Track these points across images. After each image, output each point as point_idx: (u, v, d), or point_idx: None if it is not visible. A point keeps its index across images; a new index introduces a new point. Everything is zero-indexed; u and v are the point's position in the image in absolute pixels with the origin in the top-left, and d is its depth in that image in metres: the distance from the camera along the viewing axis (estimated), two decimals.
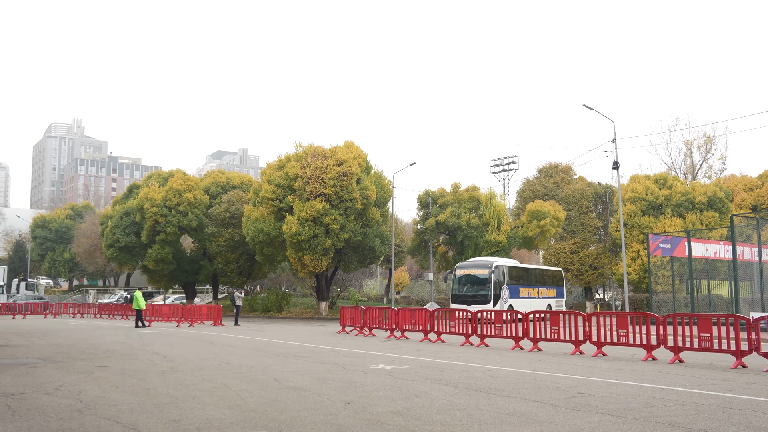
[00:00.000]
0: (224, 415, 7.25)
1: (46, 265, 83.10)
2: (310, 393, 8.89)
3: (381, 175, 43.25)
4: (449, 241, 45.82)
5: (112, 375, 10.80)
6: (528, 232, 43.74)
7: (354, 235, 39.71)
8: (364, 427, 6.67)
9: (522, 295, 36.13)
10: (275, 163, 42.23)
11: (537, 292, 38.27)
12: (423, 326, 20.83)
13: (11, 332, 23.28)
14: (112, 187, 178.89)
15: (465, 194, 45.00)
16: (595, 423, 6.98)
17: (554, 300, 39.47)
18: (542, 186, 51.28)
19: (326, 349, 16.63)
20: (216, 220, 46.79)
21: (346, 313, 25.39)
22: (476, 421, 7.01)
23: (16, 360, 13.19)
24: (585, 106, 34.43)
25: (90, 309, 45.71)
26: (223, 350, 16.07)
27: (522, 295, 36.08)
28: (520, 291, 36.20)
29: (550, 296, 39.38)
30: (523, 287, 36.73)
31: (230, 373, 11.09)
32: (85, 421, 6.80)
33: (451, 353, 15.81)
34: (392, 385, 9.81)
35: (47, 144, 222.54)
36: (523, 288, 36.67)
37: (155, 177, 54.46)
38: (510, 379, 10.62)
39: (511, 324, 17.74)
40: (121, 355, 14.56)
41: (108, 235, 52.21)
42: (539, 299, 37.56)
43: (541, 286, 38.99)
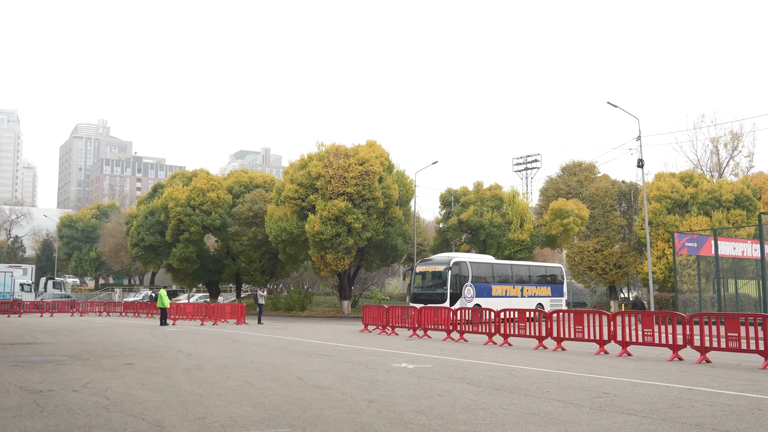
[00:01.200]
0: (248, 413, 7.29)
1: (72, 264, 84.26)
2: (333, 391, 8.90)
3: (403, 173, 43.25)
4: (472, 239, 45.67)
5: (138, 373, 10.91)
6: (551, 230, 43.43)
7: (376, 234, 39.73)
8: (387, 425, 6.66)
9: (497, 293, 34.04)
10: (298, 163, 42.41)
11: (521, 291, 35.87)
12: (445, 325, 20.79)
13: (39, 330, 23.63)
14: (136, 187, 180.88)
15: (487, 193, 44.81)
16: (621, 423, 6.90)
17: (548, 299, 36.92)
18: (565, 184, 50.88)
19: (349, 348, 16.66)
20: (239, 220, 47.10)
21: (368, 312, 25.42)
22: (500, 421, 6.97)
23: (44, 357, 13.39)
24: (609, 104, 34.08)
25: (116, 307, 46.27)
26: (246, 348, 16.16)
27: (497, 294, 33.99)
28: (493, 289, 34.08)
29: (541, 295, 36.95)
30: (498, 285, 34.53)
31: (254, 372, 11.15)
32: (111, 418, 6.87)
33: (474, 352, 15.75)
34: (415, 384, 9.79)
35: (74, 144, 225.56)
36: (497, 286, 34.48)
37: (179, 177, 54.99)
38: (534, 379, 10.54)
39: (535, 323, 17.62)
40: (147, 352, 14.71)
41: (133, 235, 52.83)
42: (524, 298, 35.33)
43: (527, 284, 36.49)
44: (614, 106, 34.23)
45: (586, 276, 48.23)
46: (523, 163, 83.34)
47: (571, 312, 17.11)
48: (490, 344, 18.33)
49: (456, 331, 20.24)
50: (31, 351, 14.92)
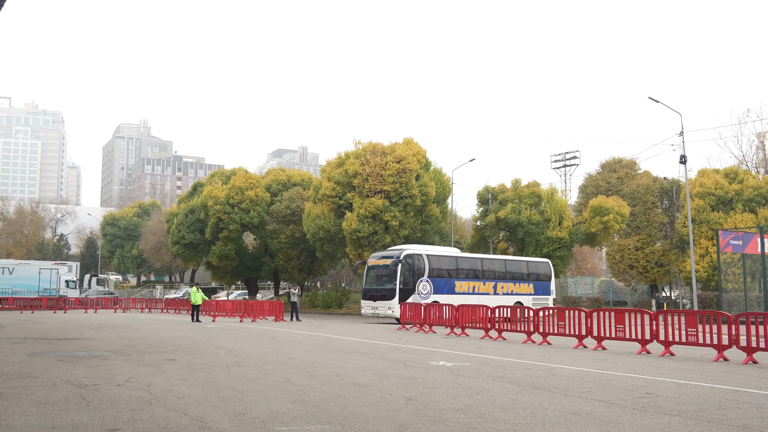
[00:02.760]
0: (288, 409, 7.34)
1: (115, 261, 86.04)
2: (371, 389, 8.91)
3: (440, 171, 43.12)
4: (510, 237, 45.31)
5: (179, 368, 11.08)
6: (590, 228, 42.83)
7: (413, 232, 39.68)
8: (426, 424, 6.64)
9: (462, 290, 31.67)
10: (335, 161, 42.59)
11: (493, 287, 33.25)
12: (483, 323, 20.67)
13: (84, 326, 24.18)
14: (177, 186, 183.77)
15: (525, 190, 44.39)
16: (665, 424, 6.76)
17: (529, 297, 34.04)
18: (605, 181, 50.15)
19: (386, 346, 16.67)
20: (277, 217, 47.52)
21: (405, 310, 25.41)
22: (540, 420, 6.89)
23: (89, 352, 13.69)
24: (650, 99, 33.49)
25: (157, 304, 47.10)
26: (285, 345, 16.29)
27: (462, 291, 31.63)
28: (457, 285, 31.70)
29: (521, 293, 34.23)
30: (463, 281, 32.11)
31: (293, 368, 11.23)
32: (154, 413, 6.99)
33: (513, 351, 15.63)
34: (453, 382, 9.75)
35: (116, 144, 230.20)
36: (462, 282, 32.03)
37: (218, 175, 55.72)
38: (574, 378, 10.41)
39: (574, 321, 17.39)
40: (188, 348, 14.93)
41: (174, 232, 53.71)
42: (499, 296, 32.61)
43: (502, 281, 33.88)
44: (655, 101, 33.62)
45: (626, 274, 47.47)
46: (562, 160, 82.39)
47: (612, 311, 16.85)
48: (529, 343, 18.16)
49: (494, 329, 20.10)
50: (76, 346, 15.27)
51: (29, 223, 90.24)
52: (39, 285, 48.47)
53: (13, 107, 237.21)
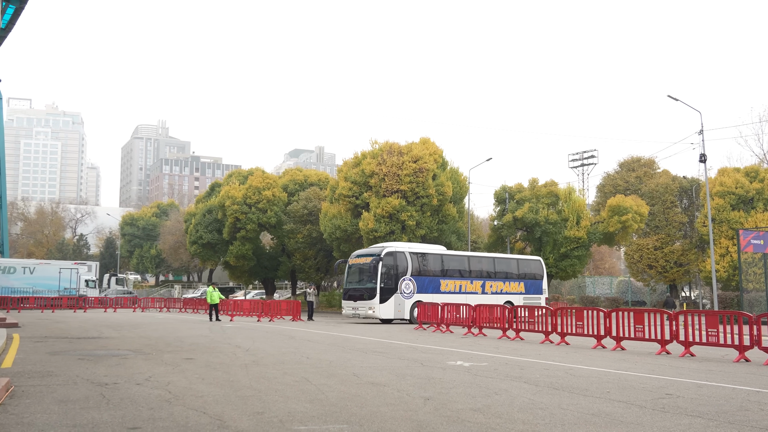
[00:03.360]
0: (306, 408, 7.35)
1: (134, 261, 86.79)
2: (389, 389, 8.91)
3: (457, 171, 43.05)
4: (527, 237, 45.11)
5: (198, 367, 11.14)
6: (609, 227, 42.52)
7: (430, 232, 39.63)
8: (444, 424, 6.62)
9: (447, 289, 30.71)
10: (351, 161, 42.64)
11: (481, 286, 32.28)
12: (501, 323, 20.59)
13: (104, 325, 24.40)
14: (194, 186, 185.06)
15: (543, 189, 44.17)
16: (686, 426, 6.69)
17: (520, 297, 33.14)
18: (624, 180, 49.82)
19: (404, 345, 16.66)
20: (294, 217, 47.67)
21: (423, 310, 25.39)
22: (559, 421, 6.85)
23: (109, 351, 13.80)
24: (669, 97, 33.20)
25: (175, 303, 47.44)
26: (302, 345, 16.33)
27: (447, 290, 30.65)
28: (442, 284, 30.72)
29: (511, 292, 33.09)
30: (449, 280, 31.08)
31: (310, 368, 11.25)
32: (174, 411, 7.03)
33: (531, 351, 15.55)
34: (471, 382, 9.72)
35: (134, 145, 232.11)
36: (448, 281, 31.01)
37: (235, 175, 56.00)
38: (593, 379, 10.33)
39: (593, 321, 17.28)
40: (206, 348, 15.01)
41: (192, 232, 54.07)
42: (487, 295, 31.67)
43: (490, 279, 32.82)
44: (675, 99, 33.32)
45: (645, 274, 47.12)
46: (579, 159, 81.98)
47: (631, 311, 16.71)
48: (547, 343, 18.06)
49: (512, 329, 20.02)
50: (96, 345, 15.41)
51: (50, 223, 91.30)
52: (59, 284, 48.98)
53: (33, 109, 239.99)
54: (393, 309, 28.87)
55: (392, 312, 28.92)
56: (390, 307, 28.84)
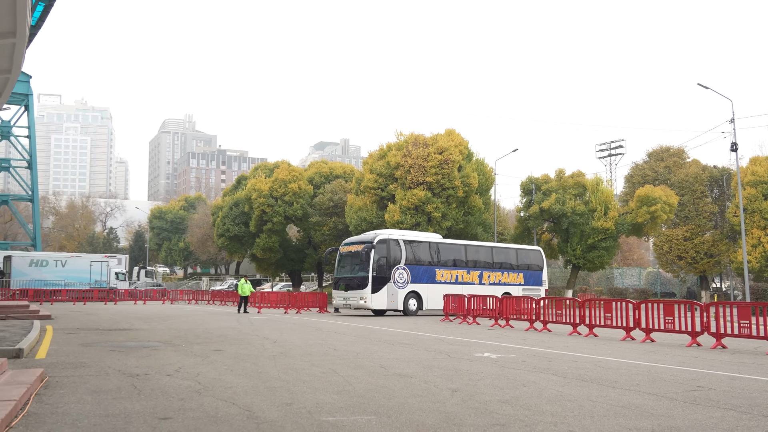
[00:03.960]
0: (334, 399, 7.39)
1: (162, 253, 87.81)
2: (416, 380, 8.91)
3: (483, 162, 42.82)
4: (554, 228, 44.74)
5: (227, 358, 11.25)
6: (637, 218, 41.98)
7: (456, 223, 39.51)
8: (472, 415, 6.61)
9: (443, 279, 29.79)
10: (377, 153, 42.62)
11: (478, 276, 31.29)
12: (528, 315, 20.49)
13: (134, 317, 24.75)
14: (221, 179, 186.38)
15: (570, 180, 43.74)
16: (718, 418, 6.60)
17: (519, 288, 32.25)
18: (652, 170, 49.14)
19: (430, 337, 16.66)
20: (320, 210, 47.82)
21: (449, 301, 25.35)
22: (588, 413, 6.79)
23: (140, 343, 14.00)
24: (699, 85, 32.68)
25: (203, 295, 47.98)
26: (329, 336, 16.41)
27: (443, 280, 29.75)
28: (438, 274, 29.77)
29: (510, 283, 32.18)
30: (445, 269, 30.12)
31: (337, 359, 11.30)
32: (203, 402, 7.11)
33: (559, 343, 15.45)
34: (499, 374, 9.68)
35: (162, 139, 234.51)
36: (444, 270, 30.04)
37: (262, 168, 56.31)
38: (622, 371, 10.24)
39: (621, 313, 17.11)
40: (234, 339, 15.15)
41: (219, 225, 54.53)
42: (484, 286, 30.79)
43: (488, 269, 31.85)
44: (705, 87, 32.78)
45: (674, 265, 46.49)
46: (607, 149, 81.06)
47: (660, 302, 16.51)
48: (575, 334, 17.94)
49: (539, 321, 19.91)
50: (127, 337, 15.64)
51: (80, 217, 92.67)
52: (90, 277, 49.83)
53: (63, 104, 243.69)
54: (386, 299, 27.87)
55: (385, 302, 27.93)
56: (383, 297, 27.80)
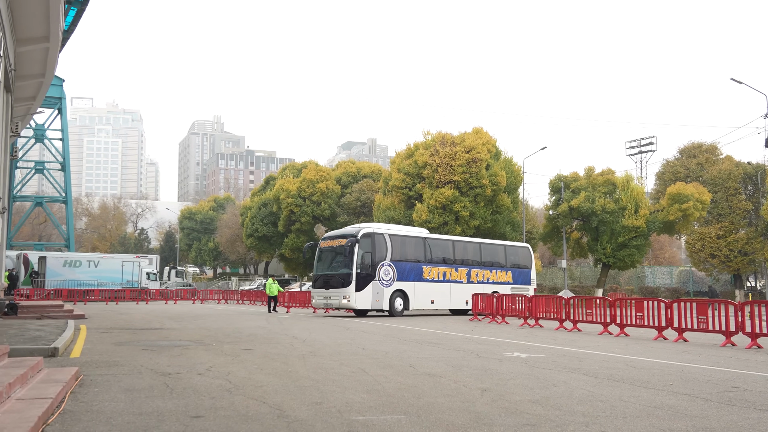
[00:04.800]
0: (363, 399, 7.40)
1: (192, 254, 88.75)
2: (445, 380, 8.89)
3: (511, 160, 42.58)
4: (583, 227, 44.34)
5: (257, 358, 11.33)
6: (669, 216, 41.40)
7: (484, 222, 39.35)
8: (502, 415, 6.57)
9: (430, 277, 28.06)
10: (404, 152, 42.62)
11: (467, 274, 29.58)
12: (558, 314, 20.32)
13: (165, 316, 25.05)
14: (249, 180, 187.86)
15: (599, 178, 43.30)
16: (755, 420, 6.47)
17: (508, 287, 30.62)
18: (684, 167, 48.40)
19: (459, 336, 16.60)
20: (348, 209, 47.99)
21: (478, 301, 25.24)
22: (620, 414, 6.71)
23: (171, 342, 14.17)
24: (733, 80, 32.14)
25: (233, 295, 48.36)
26: (358, 336, 16.43)
27: (431, 278, 28.05)
28: (425, 272, 27.98)
29: (499, 281, 30.73)
30: (433, 266, 28.37)
31: (366, 359, 11.32)
32: (234, 401, 7.17)
33: (589, 342, 15.30)
34: (529, 373, 9.62)
35: (191, 140, 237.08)
36: (432, 267, 28.31)
37: (289, 169, 56.69)
38: (654, 371, 10.10)
39: (653, 312, 16.88)
40: (264, 339, 15.25)
41: (247, 225, 55.00)
42: (473, 284, 29.43)
43: (477, 267, 30.15)
44: (738, 82, 32.24)
45: (707, 263, 45.76)
46: (637, 146, 79.99)
47: (693, 301, 16.26)
48: (606, 334, 17.75)
49: (569, 320, 19.73)
50: (158, 336, 15.83)
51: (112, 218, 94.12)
52: (122, 277, 50.53)
53: (95, 107, 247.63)
54: (371, 298, 25.89)
55: (369, 302, 25.96)
56: (367, 296, 25.81)
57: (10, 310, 20.04)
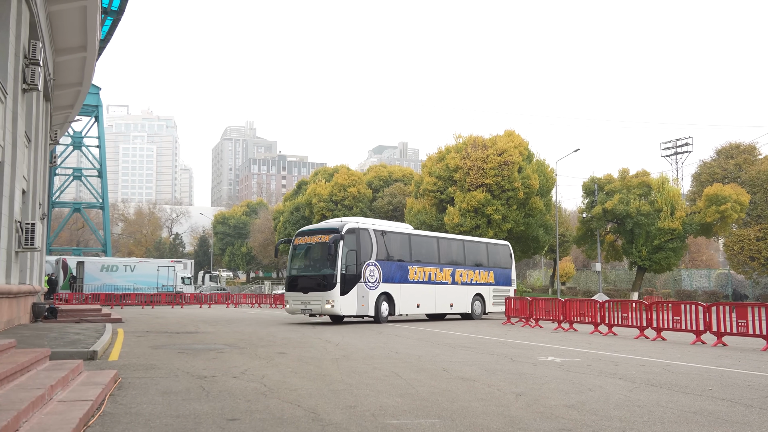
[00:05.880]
0: (397, 403, 7.40)
1: (226, 258, 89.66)
2: (479, 384, 8.85)
3: (543, 163, 42.24)
4: (618, 229, 43.74)
5: (291, 361, 11.40)
6: (706, 218, 40.62)
7: (516, 225, 39.08)
8: (537, 420, 6.52)
9: (416, 278, 25.29)
10: (435, 155, 42.56)
11: (451, 275, 26.94)
12: (592, 318, 20.08)
13: (200, 320, 25.35)
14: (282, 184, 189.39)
15: (634, 180, 42.69)
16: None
17: (490, 288, 28.72)
18: (721, 168, 47.46)
19: (492, 340, 16.51)
20: (379, 213, 48.04)
21: (511, 304, 25.06)
22: (658, 419, 6.61)
23: (206, 345, 14.34)
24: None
25: (266, 299, 48.72)
26: (390, 340, 16.44)
27: (416, 279, 25.29)
28: (411, 272, 25.14)
29: (482, 282, 28.38)
30: (418, 266, 25.56)
31: (399, 362, 11.32)
32: (269, 404, 7.24)
33: (625, 346, 15.09)
34: (564, 378, 9.52)
35: (224, 146, 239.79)
36: (418, 268, 25.48)
37: (321, 173, 57.01)
38: (693, 376, 9.92)
39: (691, 316, 16.58)
40: (297, 342, 15.35)
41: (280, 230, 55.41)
42: (457, 286, 27.14)
43: (460, 267, 27.53)
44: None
45: (746, 266, 44.76)
46: (673, 147, 78.73)
47: (732, 305, 15.93)
48: (642, 338, 17.49)
49: (604, 324, 19.49)
50: (194, 339, 16.03)
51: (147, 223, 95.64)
52: (158, 281, 51.27)
53: (130, 114, 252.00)
54: (356, 302, 22.82)
55: (355, 306, 22.84)
56: (352, 301, 22.70)
57: (50, 314, 20.48)
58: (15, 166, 15.04)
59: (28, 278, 18.65)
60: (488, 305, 28.79)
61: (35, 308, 19.66)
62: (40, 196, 22.56)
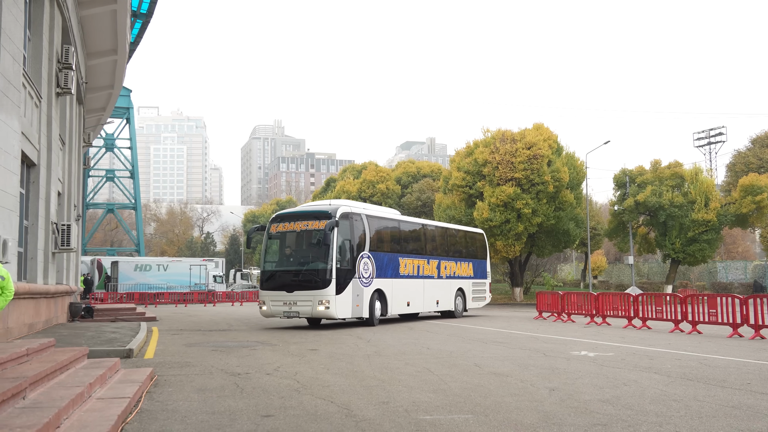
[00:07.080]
0: (429, 398, 7.40)
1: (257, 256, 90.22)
2: (512, 379, 8.81)
3: (573, 155, 41.79)
4: (650, 221, 43.17)
5: (323, 358, 11.47)
6: (741, 209, 39.88)
7: (547, 219, 38.75)
8: (571, 414, 6.47)
9: (406, 272, 21.77)
10: (464, 150, 42.38)
11: (437, 268, 23.77)
12: (626, 312, 19.86)
13: (232, 318, 25.61)
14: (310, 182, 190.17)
15: (666, 171, 42.07)
16: None
17: (469, 281, 25.96)
18: (757, 157, 46.56)
19: (524, 335, 16.42)
20: (408, 209, 48.00)
21: (543, 299, 24.89)
22: (695, 413, 6.52)
23: (239, 343, 14.48)
24: None
25: None
26: (421, 336, 16.44)
27: (407, 273, 21.78)
28: (402, 265, 21.56)
29: (462, 275, 25.48)
30: (408, 258, 22.00)
31: (431, 358, 11.31)
32: (303, 400, 7.29)
33: (659, 340, 14.89)
34: (597, 372, 9.44)
35: (253, 145, 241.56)
36: (407, 260, 21.93)
37: (349, 170, 57.13)
38: (730, 369, 9.75)
39: (727, 309, 16.29)
40: (329, 339, 15.43)
41: None
42: (443, 279, 24.11)
43: (444, 258, 24.33)
44: None
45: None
46: (706, 137, 77.39)
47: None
48: (677, 332, 17.25)
49: (638, 318, 19.25)
50: (227, 337, 16.20)
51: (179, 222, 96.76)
52: (190, 280, 51.85)
53: (161, 115, 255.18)
54: (351, 302, 18.88)
55: (350, 307, 18.88)
56: (347, 300, 18.75)
57: (86, 314, 20.87)
58: (50, 169, 15.34)
59: (64, 278, 19.02)
60: (468, 301, 25.80)
61: (72, 308, 20.04)
62: (75, 198, 22.98)
